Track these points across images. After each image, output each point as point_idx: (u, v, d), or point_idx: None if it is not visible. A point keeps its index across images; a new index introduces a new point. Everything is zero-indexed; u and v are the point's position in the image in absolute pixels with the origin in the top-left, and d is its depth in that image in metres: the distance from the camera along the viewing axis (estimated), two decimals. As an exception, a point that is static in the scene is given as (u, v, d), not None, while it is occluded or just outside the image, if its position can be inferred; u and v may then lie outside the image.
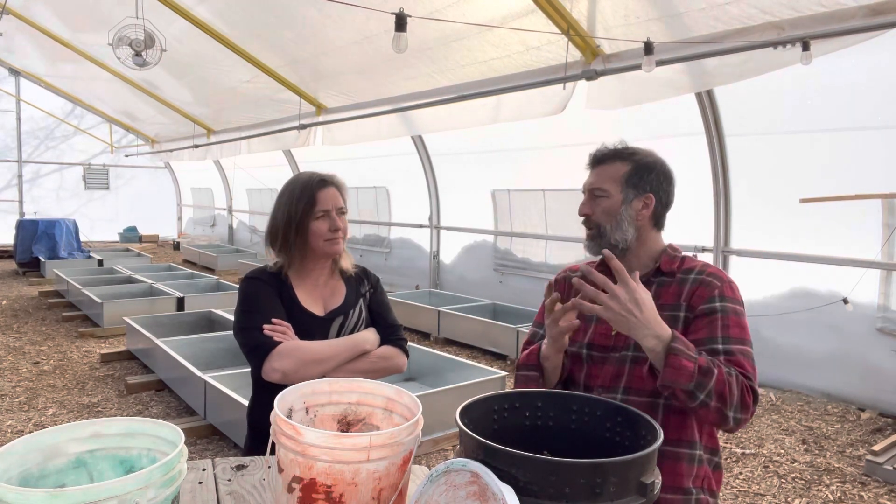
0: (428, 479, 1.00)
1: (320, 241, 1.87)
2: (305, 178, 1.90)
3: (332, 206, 1.87)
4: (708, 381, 1.37)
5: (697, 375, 1.36)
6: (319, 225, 1.86)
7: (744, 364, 1.47)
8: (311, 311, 1.91)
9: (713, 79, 4.15)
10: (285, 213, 1.88)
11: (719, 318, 1.51)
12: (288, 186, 1.93)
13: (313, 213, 1.85)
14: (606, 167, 1.66)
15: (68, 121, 14.21)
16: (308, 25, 6.14)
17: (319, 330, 1.89)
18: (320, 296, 1.96)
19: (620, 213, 1.63)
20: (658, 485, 0.99)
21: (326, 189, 1.88)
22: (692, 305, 1.55)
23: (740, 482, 3.48)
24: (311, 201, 1.85)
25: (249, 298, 1.87)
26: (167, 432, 1.11)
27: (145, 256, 11.35)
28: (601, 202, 1.65)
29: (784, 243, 4.86)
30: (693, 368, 1.36)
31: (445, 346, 6.32)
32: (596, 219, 1.66)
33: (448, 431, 3.92)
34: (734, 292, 1.57)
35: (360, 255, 9.94)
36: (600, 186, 1.65)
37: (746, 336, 1.53)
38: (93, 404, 4.59)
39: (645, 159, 1.66)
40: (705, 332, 1.51)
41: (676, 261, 1.65)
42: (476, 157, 7.76)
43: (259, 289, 1.88)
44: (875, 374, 4.45)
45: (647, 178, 1.64)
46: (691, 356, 1.37)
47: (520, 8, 4.56)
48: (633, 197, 1.63)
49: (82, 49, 9.58)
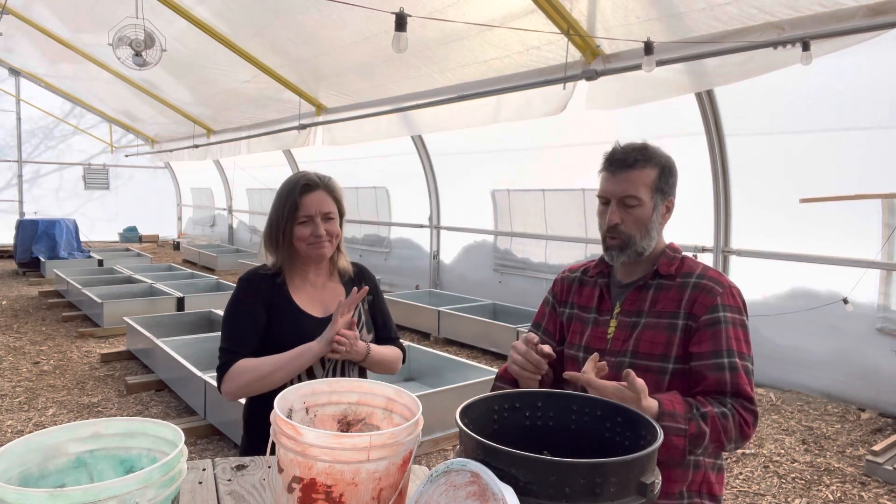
0: (428, 479, 1.00)
1: (303, 245, 1.86)
2: (292, 182, 1.88)
3: (315, 212, 1.84)
4: (702, 441, 1.39)
5: (689, 446, 1.37)
6: (302, 230, 1.85)
7: (744, 383, 1.46)
8: (310, 312, 1.90)
9: (713, 79, 4.15)
10: (274, 217, 1.89)
11: (722, 329, 1.49)
12: (280, 188, 1.92)
13: (296, 217, 1.84)
14: (637, 172, 1.54)
15: (68, 121, 14.21)
16: (308, 25, 6.14)
17: (319, 331, 1.86)
18: (319, 297, 1.95)
19: (651, 222, 1.56)
20: (658, 485, 0.99)
21: (311, 194, 1.85)
22: (694, 314, 1.51)
23: (740, 482, 3.48)
24: (293, 206, 1.84)
25: (231, 311, 1.88)
26: (167, 432, 1.11)
27: (145, 256, 11.35)
28: (634, 211, 1.54)
29: (784, 243, 4.85)
30: (683, 444, 1.36)
31: (445, 346, 6.32)
32: (626, 228, 1.55)
33: (448, 431, 3.92)
34: (735, 299, 1.54)
35: (359, 255, 9.94)
36: (634, 195, 1.53)
37: (748, 350, 1.51)
38: (93, 404, 4.59)
39: (667, 161, 1.59)
40: (709, 345, 1.48)
41: (675, 262, 1.61)
42: (476, 157, 7.76)
43: (245, 297, 1.87)
44: (875, 374, 4.45)
45: (671, 182, 1.59)
46: (681, 429, 1.36)
47: (520, 8, 4.56)
48: (660, 203, 1.57)
49: (82, 49, 9.58)
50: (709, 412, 1.41)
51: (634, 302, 1.60)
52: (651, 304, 1.57)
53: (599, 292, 1.68)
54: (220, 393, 1.82)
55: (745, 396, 1.45)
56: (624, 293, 1.63)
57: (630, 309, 1.60)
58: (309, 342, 1.80)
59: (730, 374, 1.45)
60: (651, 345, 1.54)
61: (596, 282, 1.71)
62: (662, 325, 1.54)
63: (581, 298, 1.73)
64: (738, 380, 1.46)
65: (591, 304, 1.69)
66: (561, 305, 1.78)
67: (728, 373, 1.46)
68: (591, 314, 1.68)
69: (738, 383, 1.45)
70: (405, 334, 6.65)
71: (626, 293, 1.63)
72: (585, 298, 1.72)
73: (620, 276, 1.67)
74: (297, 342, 1.83)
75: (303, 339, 1.83)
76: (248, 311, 1.86)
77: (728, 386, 1.45)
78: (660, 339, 1.53)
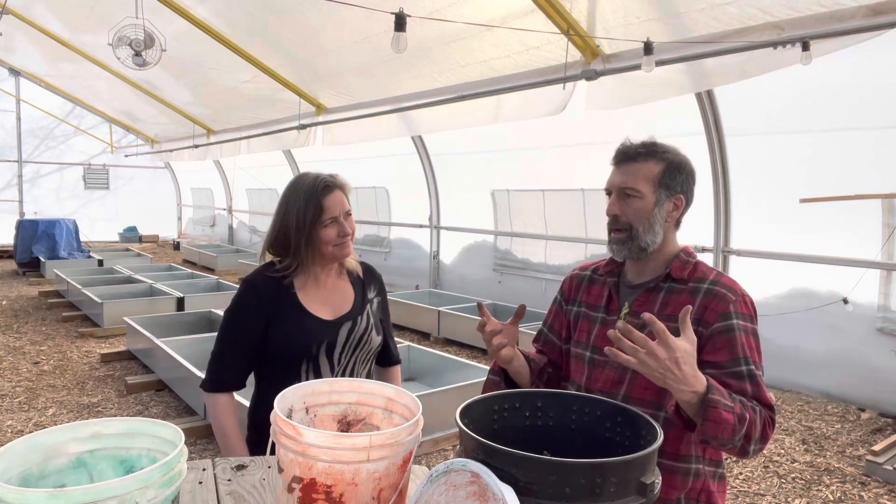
0: (428, 479, 1.00)
1: (329, 247, 1.84)
2: (310, 184, 1.83)
3: (339, 212, 1.84)
4: (742, 426, 1.34)
5: (737, 425, 1.32)
6: (328, 232, 1.82)
7: (765, 393, 1.44)
8: (319, 315, 1.88)
9: (713, 79, 4.15)
10: (293, 221, 1.82)
11: (737, 337, 1.46)
12: (292, 192, 1.86)
13: (321, 221, 1.81)
14: (639, 165, 1.55)
15: (68, 121, 14.21)
16: (308, 25, 6.14)
17: (328, 334, 1.86)
18: (328, 299, 1.92)
19: (654, 216, 1.55)
20: (658, 485, 0.99)
21: (332, 194, 1.83)
22: (706, 321, 1.49)
23: (740, 482, 3.48)
24: (318, 209, 1.81)
25: (229, 322, 1.88)
26: (167, 432, 1.11)
27: (145, 256, 11.35)
28: (633, 203, 1.55)
29: (784, 243, 4.85)
30: (734, 421, 1.30)
31: (445, 346, 6.32)
32: (627, 219, 1.56)
33: (448, 431, 3.92)
34: (748, 307, 1.52)
35: (359, 255, 9.86)
36: (633, 186, 1.55)
37: (760, 359, 1.50)
38: (93, 404, 4.59)
39: (676, 158, 1.58)
40: (726, 354, 1.46)
41: (688, 266, 1.58)
42: (476, 157, 7.76)
43: (247, 305, 1.86)
44: (875, 374, 4.45)
45: (679, 179, 1.57)
46: (728, 406, 1.31)
47: (520, 8, 4.56)
48: (665, 198, 1.56)
49: (82, 49, 9.58)
50: (745, 401, 1.39)
51: (644, 304, 1.58)
52: (661, 308, 1.55)
53: (608, 292, 1.67)
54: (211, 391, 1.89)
55: (767, 405, 1.44)
56: (633, 294, 1.62)
57: (639, 310, 1.57)
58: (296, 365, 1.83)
59: (750, 383, 1.44)
60: None
61: (605, 281, 1.69)
62: (671, 329, 1.53)
63: (590, 297, 1.72)
64: (758, 389, 1.44)
65: (599, 303, 1.68)
66: (568, 303, 1.77)
67: (748, 381, 1.44)
68: (599, 313, 1.66)
69: (759, 393, 1.44)
70: (405, 334, 6.65)
71: (635, 294, 1.61)
72: (594, 297, 1.70)
73: (631, 277, 1.66)
74: (303, 345, 1.82)
75: (309, 342, 1.82)
76: (245, 327, 1.85)
77: (750, 394, 1.43)
78: None
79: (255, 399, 1.93)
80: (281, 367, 1.85)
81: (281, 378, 1.77)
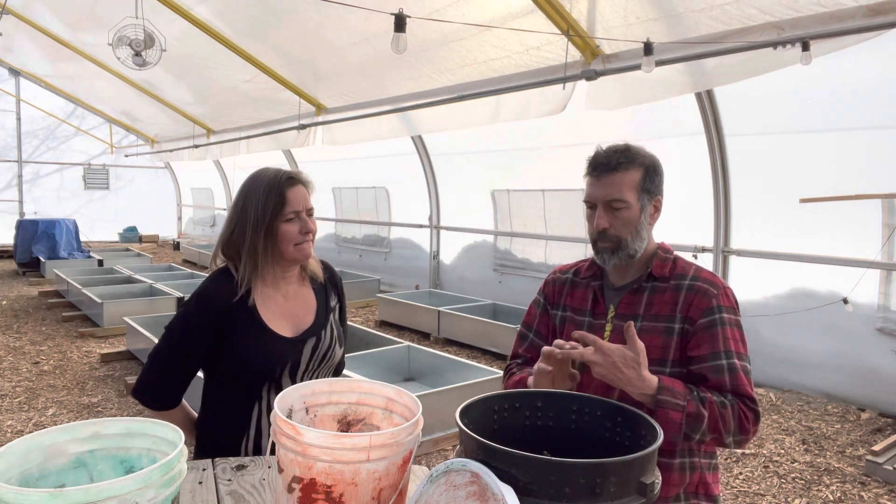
0: (428, 479, 1.00)
1: (290, 245, 1.70)
2: (271, 176, 1.70)
3: (302, 207, 1.70)
4: (700, 424, 1.40)
5: (686, 424, 1.39)
6: (290, 228, 1.68)
7: (744, 384, 1.47)
8: (280, 332, 1.72)
9: (713, 79, 4.15)
10: (251, 215, 1.68)
11: (720, 330, 1.50)
12: (250, 185, 1.72)
13: (283, 214, 1.68)
14: (621, 175, 1.54)
15: (69, 121, 14.21)
16: (308, 25, 6.14)
17: (291, 355, 1.71)
18: (290, 312, 1.76)
19: (640, 223, 1.56)
20: (658, 485, 0.99)
21: (296, 188, 1.70)
22: (690, 318, 1.52)
23: (740, 482, 3.48)
24: (280, 201, 1.67)
25: (174, 338, 1.72)
26: (167, 432, 1.11)
27: (145, 256, 11.35)
28: (621, 214, 1.54)
29: (784, 243, 4.85)
30: (680, 419, 1.38)
31: (445, 346, 6.32)
32: (615, 232, 1.55)
33: (448, 431, 3.92)
34: (730, 299, 1.55)
35: (360, 255, 9.95)
36: (620, 197, 1.53)
37: (745, 350, 1.53)
38: (93, 404, 4.59)
39: (651, 160, 1.59)
40: (707, 348, 1.50)
41: (668, 263, 1.61)
42: (476, 157, 7.76)
43: (195, 321, 1.70)
44: (875, 374, 4.45)
45: (657, 181, 1.59)
46: (679, 405, 1.39)
47: (519, 8, 4.56)
48: (647, 203, 1.58)
49: (82, 49, 9.58)
50: (707, 398, 1.43)
51: (629, 305, 1.60)
52: (646, 308, 1.57)
53: (593, 294, 1.67)
54: (145, 405, 1.77)
55: (746, 396, 1.46)
56: (618, 296, 1.63)
57: (625, 312, 1.59)
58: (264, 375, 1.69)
59: (729, 375, 1.47)
60: (648, 349, 1.53)
61: (588, 284, 1.70)
62: (659, 328, 1.55)
63: (574, 300, 1.72)
64: (737, 380, 1.47)
65: (584, 307, 1.68)
66: (553, 307, 1.77)
67: (727, 374, 1.47)
68: (585, 317, 1.67)
69: (738, 384, 1.47)
70: (405, 334, 6.64)
71: (620, 296, 1.62)
72: (578, 300, 1.70)
73: (613, 279, 1.66)
74: (264, 365, 1.68)
75: (271, 362, 1.69)
76: (198, 343, 1.69)
77: (728, 386, 1.47)
78: (656, 342, 1.53)
79: (203, 414, 1.81)
80: (239, 387, 1.72)
81: (240, 397, 1.71)
